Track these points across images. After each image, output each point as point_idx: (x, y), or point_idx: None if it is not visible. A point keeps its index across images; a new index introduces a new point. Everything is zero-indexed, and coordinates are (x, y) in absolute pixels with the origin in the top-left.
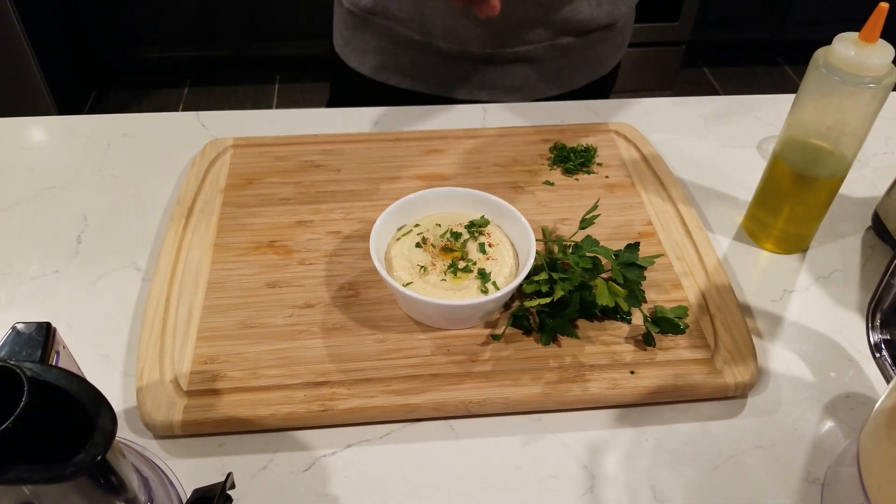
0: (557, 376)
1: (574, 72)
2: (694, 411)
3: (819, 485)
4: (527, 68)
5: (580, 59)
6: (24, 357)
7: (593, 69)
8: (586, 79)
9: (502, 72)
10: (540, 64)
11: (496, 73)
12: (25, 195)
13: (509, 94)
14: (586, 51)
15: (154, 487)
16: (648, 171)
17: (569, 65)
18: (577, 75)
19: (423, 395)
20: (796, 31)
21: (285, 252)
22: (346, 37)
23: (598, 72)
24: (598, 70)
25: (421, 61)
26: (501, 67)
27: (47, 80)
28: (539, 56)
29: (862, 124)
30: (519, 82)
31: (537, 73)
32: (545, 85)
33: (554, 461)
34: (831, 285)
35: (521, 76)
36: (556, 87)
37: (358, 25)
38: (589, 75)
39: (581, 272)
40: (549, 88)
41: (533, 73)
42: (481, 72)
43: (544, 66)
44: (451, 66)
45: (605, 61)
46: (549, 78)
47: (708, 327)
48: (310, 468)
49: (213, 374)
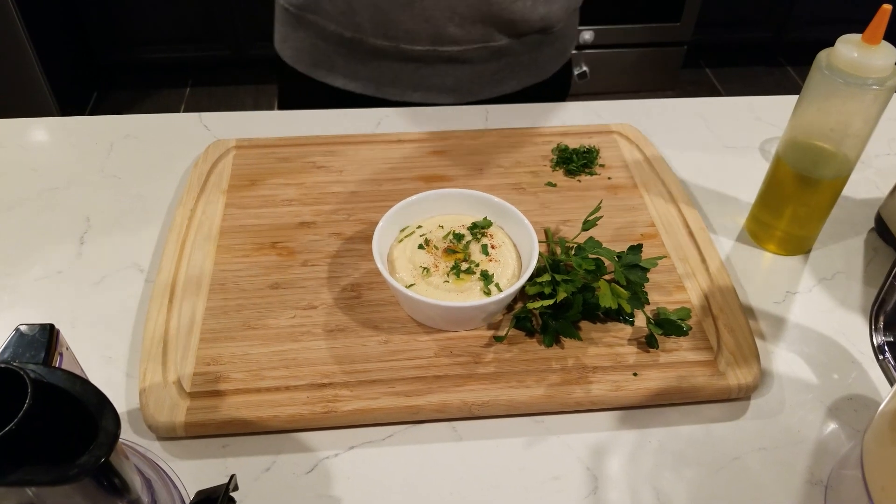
0: (560, 378)
1: (510, 75)
2: (697, 413)
3: (822, 487)
4: (460, 69)
5: (516, 63)
6: (28, 359)
7: (532, 74)
8: (524, 83)
9: (434, 72)
10: (473, 65)
11: (428, 73)
12: (28, 196)
13: (443, 94)
14: (522, 55)
15: (157, 489)
16: (651, 173)
17: (504, 67)
18: (512, 79)
19: (426, 396)
20: (798, 31)
21: (288, 253)
22: (282, 35)
23: (537, 77)
24: (537, 75)
25: (353, 60)
26: (433, 67)
27: (49, 80)
28: (472, 57)
29: (865, 126)
30: (452, 83)
31: (471, 74)
32: (479, 87)
33: (557, 463)
34: (834, 287)
35: (454, 77)
36: (491, 89)
37: (293, 23)
38: (527, 80)
39: (584, 274)
40: (484, 91)
41: (466, 75)
42: (413, 71)
43: (478, 68)
44: (383, 66)
45: (546, 67)
46: (484, 80)
47: (711, 329)
48: (313, 470)
49: (216, 375)
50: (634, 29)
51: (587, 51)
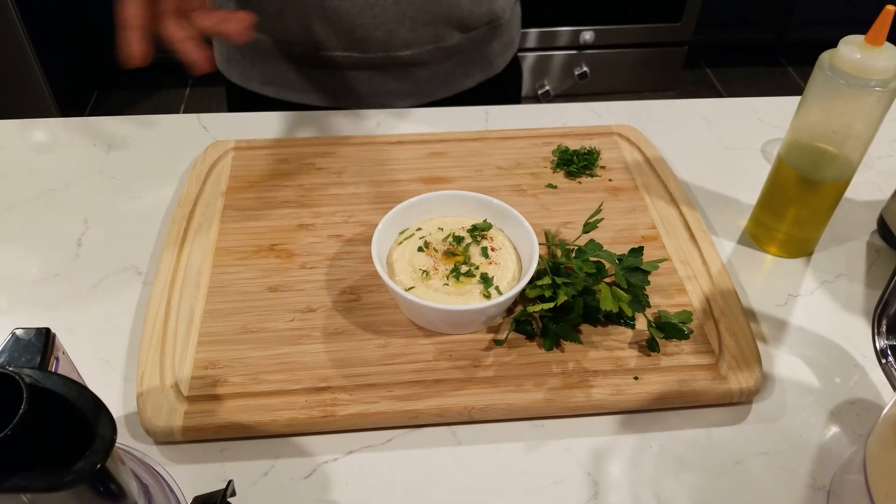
0: (561, 382)
1: (463, 72)
2: (698, 417)
3: (825, 492)
4: (415, 72)
5: (467, 59)
6: (24, 363)
7: (483, 69)
8: (476, 79)
9: (390, 77)
10: (427, 67)
11: (384, 79)
12: (26, 197)
13: (400, 98)
14: (472, 50)
15: (154, 494)
16: (652, 174)
17: (457, 66)
18: (465, 76)
19: (425, 400)
20: (799, 31)
21: (287, 255)
22: (225, 54)
23: (488, 72)
24: (488, 70)
25: (305, 72)
26: (389, 73)
27: (49, 80)
28: (425, 59)
29: (867, 127)
30: (409, 87)
31: (426, 76)
32: (435, 87)
33: (557, 467)
34: (836, 290)
35: (410, 80)
36: (447, 88)
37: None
38: (479, 75)
39: (584, 277)
40: (440, 90)
41: (422, 77)
42: (369, 79)
43: (432, 69)
44: (337, 76)
45: (495, 61)
46: (439, 80)
47: (712, 332)
48: (311, 474)
49: (214, 379)
50: (635, 29)
51: (587, 51)
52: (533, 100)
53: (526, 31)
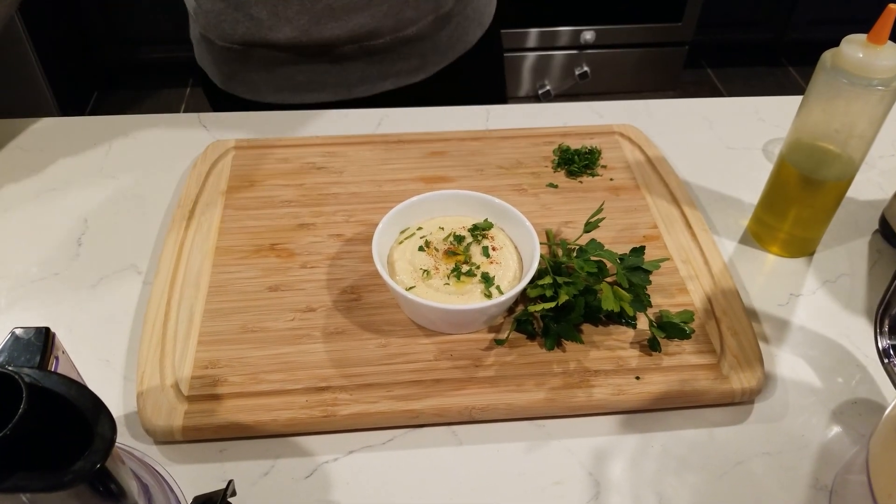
0: (562, 382)
1: (462, 32)
2: (700, 417)
3: (827, 492)
4: (420, 46)
5: (463, 19)
6: (23, 363)
7: (479, 23)
8: (476, 36)
9: (399, 56)
10: (432, 38)
11: (393, 60)
12: (26, 197)
13: (410, 75)
14: (466, 8)
15: (154, 494)
16: (653, 174)
17: (456, 28)
18: (465, 35)
19: (425, 400)
20: (800, 31)
21: (287, 255)
22: (228, 72)
23: (482, 25)
24: (483, 23)
25: (315, 72)
26: (397, 53)
27: (49, 80)
28: (429, 32)
29: (870, 127)
30: (416, 63)
31: (430, 47)
32: (440, 56)
33: (558, 467)
34: (838, 289)
35: (417, 55)
36: (453, 52)
37: (239, 59)
38: (478, 31)
39: (586, 276)
40: (445, 57)
41: (427, 49)
42: (379, 63)
43: (435, 40)
44: (348, 68)
45: (486, 10)
46: (443, 48)
47: (714, 332)
48: (311, 474)
49: (214, 378)
50: (636, 29)
51: (588, 51)
52: (533, 99)
53: (526, 31)
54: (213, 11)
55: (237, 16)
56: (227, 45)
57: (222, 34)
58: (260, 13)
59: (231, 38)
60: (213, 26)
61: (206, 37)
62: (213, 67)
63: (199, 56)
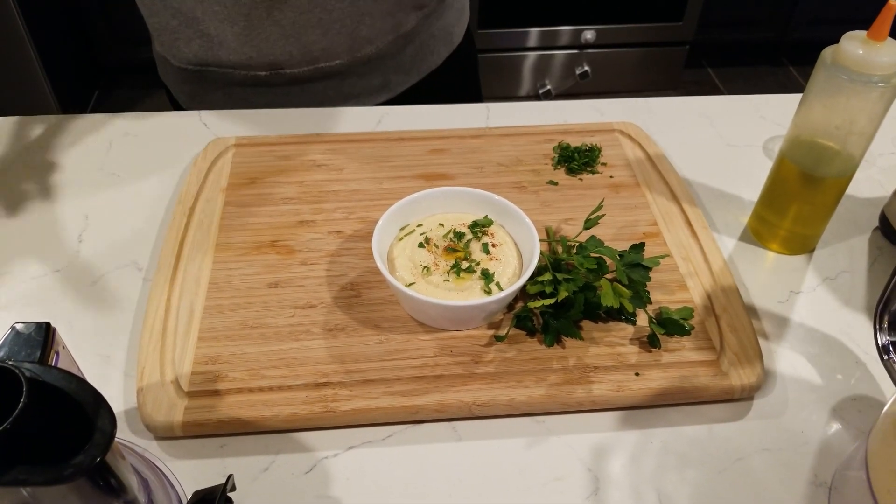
0: (561, 378)
1: (427, 52)
2: (700, 413)
3: (826, 488)
4: (381, 65)
5: (429, 38)
6: (24, 357)
7: (446, 43)
8: (442, 55)
9: (358, 76)
10: (393, 58)
11: (353, 81)
12: (27, 194)
13: (373, 95)
14: (431, 27)
15: (154, 489)
16: (653, 171)
17: (420, 48)
18: (430, 55)
19: (425, 396)
20: (801, 31)
21: (287, 252)
22: (187, 92)
23: (450, 44)
24: (451, 42)
25: (274, 94)
26: (357, 73)
27: (50, 79)
28: (390, 51)
29: (870, 123)
30: (379, 82)
31: (394, 66)
32: (403, 76)
33: (558, 463)
34: (838, 286)
35: (379, 76)
36: (417, 73)
37: (196, 80)
38: (444, 51)
39: (585, 273)
40: (409, 77)
41: (389, 69)
42: (339, 85)
43: (398, 59)
44: (308, 90)
45: (454, 31)
46: (406, 67)
47: (714, 329)
48: (311, 470)
49: (215, 374)
50: (636, 28)
51: (589, 50)
52: (534, 99)
53: (527, 31)
54: (168, 29)
55: (189, 33)
56: (182, 65)
57: (178, 53)
58: (209, 30)
59: (186, 57)
60: (168, 45)
61: (164, 56)
62: (175, 87)
63: (162, 74)
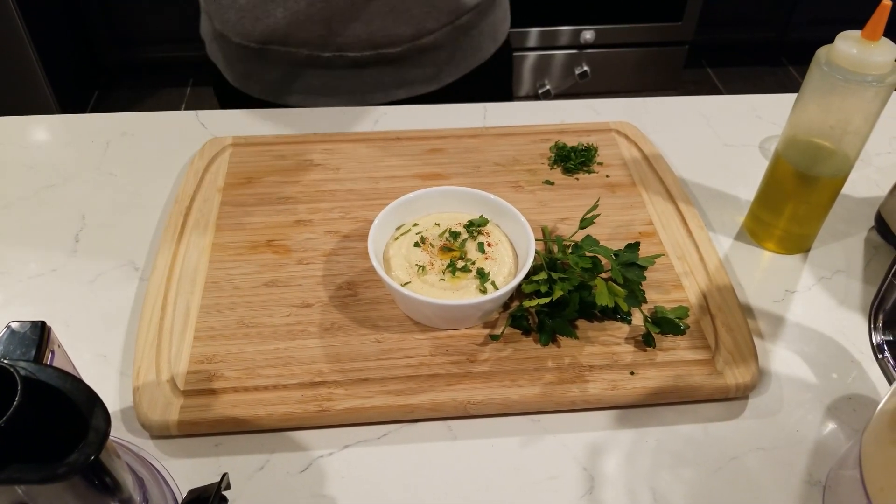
0: (556, 377)
1: (476, 47)
2: (694, 412)
3: (820, 487)
4: (436, 56)
5: (479, 34)
6: (19, 356)
7: (492, 39)
8: (490, 51)
9: (413, 66)
10: (445, 49)
11: (408, 69)
12: (24, 193)
13: (424, 84)
14: (482, 22)
15: (149, 487)
16: (649, 171)
17: (471, 41)
18: (479, 50)
19: (421, 395)
20: (800, 31)
21: (283, 251)
22: (242, 71)
23: (497, 41)
24: (496, 39)
25: (330, 77)
26: (413, 62)
27: (50, 79)
28: (445, 42)
29: (865, 123)
30: (431, 72)
31: (446, 58)
32: (454, 67)
33: (553, 462)
34: (834, 286)
35: (433, 66)
36: (465, 65)
37: (254, 58)
38: (491, 47)
39: (581, 272)
40: (459, 69)
41: (442, 59)
42: (394, 71)
43: (450, 50)
44: (363, 74)
45: (500, 28)
46: (457, 59)
47: (709, 328)
48: (307, 469)
49: (210, 373)
50: (636, 28)
51: (588, 50)
52: (533, 99)
53: (526, 31)
54: (235, 6)
55: (261, 11)
56: (244, 42)
57: (241, 31)
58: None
59: (250, 35)
60: (233, 22)
61: (223, 34)
62: (227, 65)
63: (211, 53)
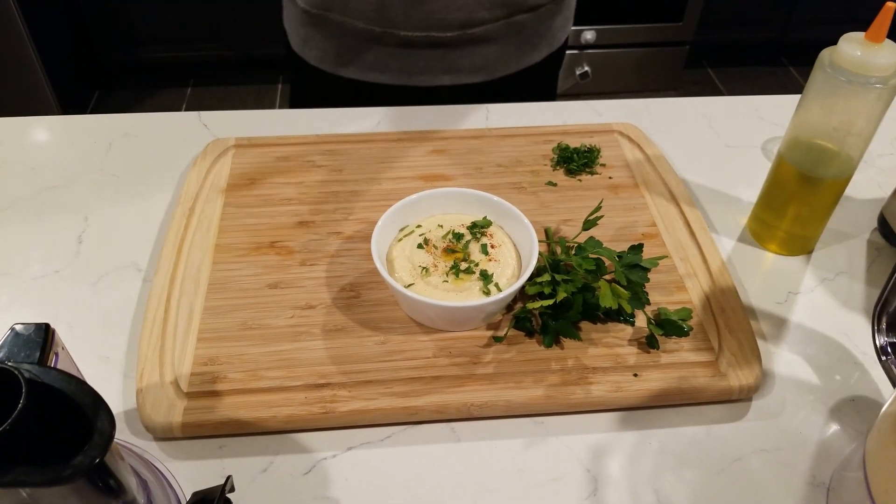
0: (560, 379)
1: (530, 47)
2: (698, 414)
3: (824, 489)
4: (486, 48)
5: (535, 35)
6: (23, 358)
7: (548, 44)
8: (542, 53)
9: (463, 54)
10: (498, 43)
11: (457, 56)
12: (26, 195)
13: (471, 74)
14: (539, 25)
15: (153, 490)
16: (652, 172)
17: (525, 41)
18: (533, 51)
19: (424, 397)
20: (801, 31)
21: (286, 253)
22: (302, 35)
23: (552, 46)
24: (552, 44)
25: (382, 53)
26: (462, 50)
27: (50, 80)
28: (497, 35)
29: (868, 125)
30: (480, 62)
31: (496, 51)
32: (504, 63)
33: (556, 464)
34: (837, 287)
35: (481, 56)
36: (515, 63)
37: (314, 24)
38: (545, 50)
39: (584, 274)
40: (509, 66)
41: (492, 53)
42: (443, 56)
43: (502, 45)
44: (413, 55)
45: (558, 34)
46: (508, 55)
47: (712, 329)
48: (310, 471)
49: (214, 375)
50: (636, 29)
51: (588, 51)
52: None
53: None
54: None
55: None
56: (306, 7)
57: None
58: None
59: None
60: None
61: None
62: (291, 28)
63: (285, 20)
